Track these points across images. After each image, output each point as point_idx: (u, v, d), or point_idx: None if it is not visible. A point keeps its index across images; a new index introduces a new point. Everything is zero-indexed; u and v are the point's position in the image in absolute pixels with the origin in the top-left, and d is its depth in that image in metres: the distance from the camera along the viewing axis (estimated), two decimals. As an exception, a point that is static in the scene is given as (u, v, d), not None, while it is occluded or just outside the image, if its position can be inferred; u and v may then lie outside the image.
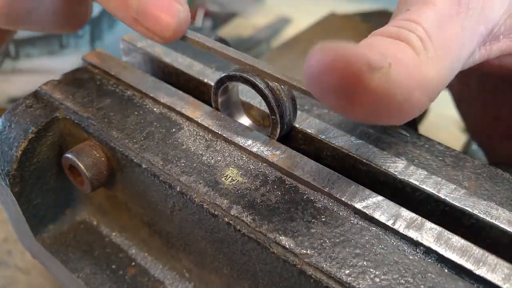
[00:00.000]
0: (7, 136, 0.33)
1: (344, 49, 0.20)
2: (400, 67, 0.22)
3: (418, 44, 0.23)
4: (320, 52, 0.20)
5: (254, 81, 0.29)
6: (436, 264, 0.24)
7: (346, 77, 0.20)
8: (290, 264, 0.24)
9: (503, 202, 0.27)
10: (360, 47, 0.22)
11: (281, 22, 0.94)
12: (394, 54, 0.22)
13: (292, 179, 0.28)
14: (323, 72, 0.20)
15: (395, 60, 0.21)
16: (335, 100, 0.21)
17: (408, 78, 0.22)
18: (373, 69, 0.20)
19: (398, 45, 0.23)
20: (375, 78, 0.20)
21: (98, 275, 0.35)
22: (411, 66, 0.22)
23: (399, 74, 0.21)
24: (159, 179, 0.29)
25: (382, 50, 0.22)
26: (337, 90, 0.21)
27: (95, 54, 0.38)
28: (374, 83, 0.20)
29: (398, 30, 0.24)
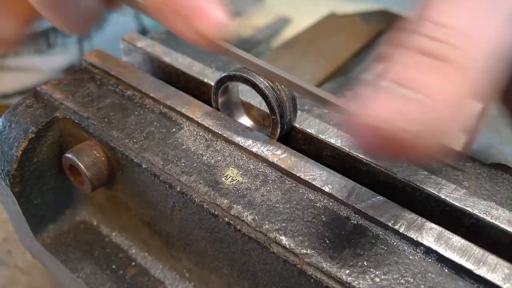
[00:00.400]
0: (7, 136, 0.33)
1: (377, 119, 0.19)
2: (441, 102, 0.20)
3: (458, 58, 0.20)
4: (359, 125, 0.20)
5: (254, 81, 0.29)
6: (436, 264, 0.24)
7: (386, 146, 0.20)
8: (290, 264, 0.24)
9: (503, 202, 0.27)
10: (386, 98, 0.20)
11: (281, 22, 0.93)
12: (434, 86, 0.20)
13: (292, 179, 0.28)
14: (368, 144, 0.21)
15: (435, 94, 0.20)
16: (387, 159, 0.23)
17: (453, 107, 0.20)
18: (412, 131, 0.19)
19: (435, 70, 0.20)
20: (416, 137, 0.19)
21: (98, 275, 0.35)
22: (453, 92, 0.20)
23: (437, 112, 0.19)
24: (159, 179, 0.29)
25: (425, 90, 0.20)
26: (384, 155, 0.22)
27: (95, 54, 0.38)
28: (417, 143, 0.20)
29: (434, 45, 0.20)
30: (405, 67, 0.21)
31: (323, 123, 0.32)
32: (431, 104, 0.19)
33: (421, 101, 0.19)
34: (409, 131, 0.19)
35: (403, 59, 0.21)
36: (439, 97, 0.20)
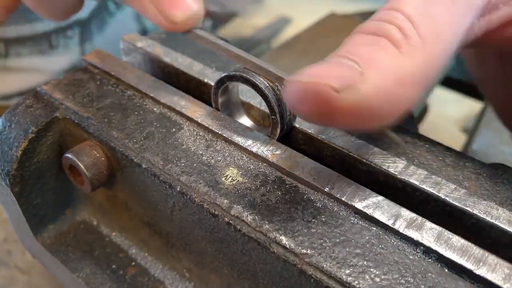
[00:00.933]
0: (7, 136, 0.33)
1: (310, 78, 0.21)
2: (375, 71, 0.21)
3: (398, 35, 0.22)
4: (292, 84, 0.22)
5: (254, 81, 0.29)
6: (436, 264, 0.24)
7: (318, 104, 0.21)
8: (291, 264, 0.24)
9: (503, 202, 0.27)
10: (328, 65, 0.22)
11: (281, 22, 0.93)
12: (369, 58, 0.22)
13: (292, 179, 0.28)
14: (298, 102, 0.22)
15: (369, 64, 0.21)
16: (319, 121, 0.24)
17: (385, 78, 0.21)
18: (341, 91, 0.21)
19: (374, 44, 0.22)
20: (343, 99, 0.21)
21: (98, 275, 0.35)
22: (388, 65, 0.22)
23: (373, 79, 0.21)
24: (159, 179, 0.29)
25: (356, 57, 0.22)
26: (315, 114, 0.22)
27: (95, 54, 0.38)
28: (344, 102, 0.21)
29: (377, 24, 0.23)
30: (348, 44, 0.23)
31: (323, 123, 0.32)
32: (362, 70, 0.21)
33: (353, 66, 0.21)
34: (336, 90, 0.21)
35: (352, 38, 0.24)
36: (371, 65, 0.21)
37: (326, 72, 0.22)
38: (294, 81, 0.22)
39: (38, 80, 0.63)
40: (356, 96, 0.21)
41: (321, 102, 0.21)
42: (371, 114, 0.22)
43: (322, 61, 0.23)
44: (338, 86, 0.21)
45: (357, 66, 0.22)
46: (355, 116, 0.22)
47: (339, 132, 0.31)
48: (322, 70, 0.22)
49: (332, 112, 0.21)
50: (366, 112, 0.22)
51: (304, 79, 0.22)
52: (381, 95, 0.21)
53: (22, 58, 0.62)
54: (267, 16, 0.95)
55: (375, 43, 0.23)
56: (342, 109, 0.21)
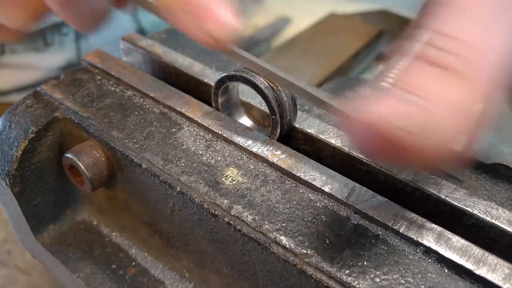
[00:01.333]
0: (7, 136, 0.33)
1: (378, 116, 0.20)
2: (444, 109, 0.20)
3: (463, 68, 0.20)
4: (357, 122, 0.20)
5: (254, 81, 0.29)
6: (436, 264, 0.24)
7: (394, 148, 0.20)
8: (290, 264, 0.24)
9: (503, 202, 0.27)
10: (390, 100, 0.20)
11: (281, 22, 0.93)
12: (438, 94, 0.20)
13: (292, 179, 0.28)
14: (370, 146, 0.21)
15: (438, 101, 0.20)
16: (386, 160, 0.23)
17: (455, 114, 0.20)
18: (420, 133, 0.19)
19: (441, 79, 0.20)
20: (424, 140, 0.19)
21: (98, 275, 0.35)
22: (456, 100, 0.20)
23: (445, 120, 0.20)
24: (159, 179, 0.29)
25: (424, 93, 0.20)
26: (390, 157, 0.21)
27: (95, 54, 0.38)
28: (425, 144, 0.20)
29: (440, 55, 0.21)
30: (410, 74, 0.21)
31: (323, 123, 0.32)
32: (433, 109, 0.20)
33: (423, 106, 0.20)
34: (409, 133, 0.19)
35: (409, 66, 0.21)
36: (440, 104, 0.20)
37: (391, 108, 0.20)
38: (359, 118, 0.20)
39: (34, 77, 0.64)
40: (435, 135, 0.20)
41: (393, 144, 0.20)
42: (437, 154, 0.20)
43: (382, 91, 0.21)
44: (408, 129, 0.19)
45: (424, 103, 0.20)
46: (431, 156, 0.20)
47: (339, 132, 0.31)
48: (386, 105, 0.20)
49: (400, 153, 0.20)
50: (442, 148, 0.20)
51: (372, 117, 0.20)
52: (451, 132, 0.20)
53: (18, 55, 0.62)
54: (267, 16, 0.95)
55: (439, 79, 0.21)
56: (417, 152, 0.20)
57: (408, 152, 0.20)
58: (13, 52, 0.62)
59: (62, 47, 0.64)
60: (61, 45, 0.64)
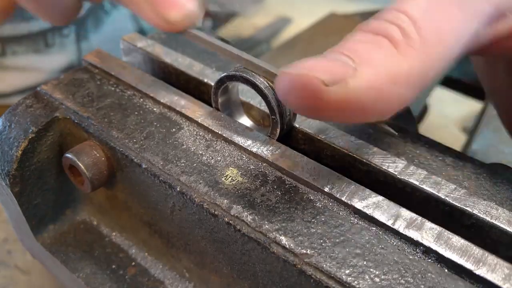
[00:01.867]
0: (7, 136, 0.33)
1: (301, 70, 0.22)
2: (368, 68, 0.22)
3: (398, 35, 0.23)
4: (283, 75, 0.22)
5: (254, 81, 0.29)
6: (436, 264, 0.24)
7: (305, 97, 0.22)
8: (290, 264, 0.24)
9: (503, 202, 0.27)
10: (322, 59, 0.22)
11: (281, 22, 0.94)
12: (365, 55, 0.22)
13: (292, 179, 0.28)
14: (287, 93, 0.23)
15: (364, 61, 0.22)
16: (307, 113, 0.24)
17: (379, 76, 0.22)
18: (330, 84, 0.21)
19: (373, 43, 0.23)
20: (331, 92, 0.21)
21: (98, 275, 0.35)
22: (384, 63, 0.22)
23: (366, 75, 0.21)
24: (159, 179, 0.29)
25: (352, 54, 0.22)
26: (303, 106, 0.23)
27: (95, 54, 0.38)
28: (332, 96, 0.21)
29: (379, 23, 0.23)
30: (349, 40, 0.23)
31: (323, 123, 0.32)
32: (355, 66, 0.21)
33: (347, 62, 0.22)
34: (325, 83, 0.21)
35: (352, 35, 0.24)
36: (365, 63, 0.22)
37: (318, 66, 0.22)
38: (285, 72, 0.22)
39: (35, 79, 0.63)
40: (345, 91, 0.21)
41: (309, 94, 0.22)
42: (361, 109, 0.22)
43: (319, 56, 0.23)
44: (327, 80, 0.21)
45: (351, 62, 0.22)
46: (344, 111, 0.22)
47: (339, 132, 0.31)
48: (315, 63, 0.22)
49: (319, 104, 0.22)
50: (355, 107, 0.22)
51: (295, 71, 0.22)
52: (372, 92, 0.22)
53: (19, 56, 0.62)
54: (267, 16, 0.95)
55: (374, 41, 0.23)
56: (329, 102, 0.21)
57: (320, 101, 0.22)
58: (14, 54, 0.62)
59: (63, 49, 0.64)
60: (62, 46, 0.64)
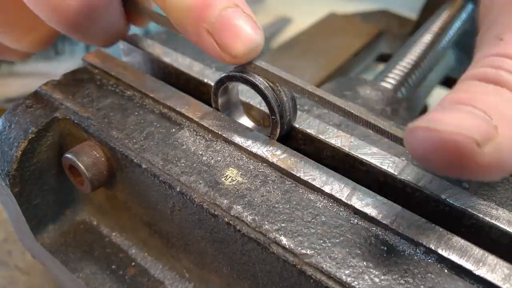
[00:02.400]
0: (7, 136, 0.33)
1: (449, 129, 0.19)
2: (508, 124, 0.20)
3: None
4: (423, 130, 0.20)
5: (254, 81, 0.29)
6: (436, 264, 0.24)
7: (456, 156, 0.20)
8: (290, 264, 0.24)
9: (503, 202, 0.27)
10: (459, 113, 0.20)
11: (281, 22, 0.93)
12: (499, 110, 0.20)
13: (292, 179, 0.28)
14: (429, 152, 0.20)
15: (501, 118, 0.20)
16: (445, 171, 0.21)
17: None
18: (483, 144, 0.19)
19: (499, 95, 0.21)
20: (486, 153, 0.20)
21: (98, 275, 0.35)
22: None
23: (507, 133, 0.20)
24: (159, 179, 0.29)
25: (485, 108, 0.20)
26: (446, 166, 0.21)
27: (95, 54, 0.38)
28: (486, 157, 0.20)
29: (496, 73, 0.21)
30: (471, 91, 0.21)
31: (323, 123, 0.32)
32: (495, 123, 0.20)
33: (486, 119, 0.20)
34: (475, 142, 0.19)
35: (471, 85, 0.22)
36: (502, 119, 0.20)
37: (461, 121, 0.20)
38: (426, 127, 0.20)
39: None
40: (497, 151, 0.20)
41: (462, 154, 0.19)
42: (502, 169, 0.21)
43: (445, 108, 0.21)
44: (483, 140, 0.19)
45: (488, 118, 0.20)
46: (492, 170, 0.20)
47: (339, 132, 0.31)
48: (455, 118, 0.20)
49: (470, 165, 0.20)
50: (503, 166, 0.20)
51: (440, 126, 0.20)
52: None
53: (28, 63, 0.62)
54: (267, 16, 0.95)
55: (499, 93, 0.21)
56: (483, 163, 0.20)
57: (471, 163, 0.20)
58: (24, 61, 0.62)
59: (73, 56, 0.65)
60: (72, 53, 0.64)
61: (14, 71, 0.62)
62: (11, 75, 0.62)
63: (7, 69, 0.62)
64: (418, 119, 0.21)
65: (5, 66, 0.62)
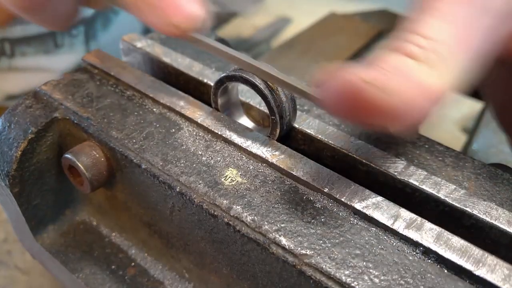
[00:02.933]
0: (6, 137, 0.33)
1: (351, 74, 0.22)
2: (400, 78, 0.23)
3: (419, 53, 0.23)
4: (331, 77, 0.23)
5: (254, 81, 0.29)
6: (436, 264, 0.24)
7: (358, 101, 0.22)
8: (290, 264, 0.24)
9: (503, 203, 0.27)
10: (365, 68, 0.23)
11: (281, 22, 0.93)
12: (394, 66, 0.23)
13: (291, 180, 0.28)
14: (336, 97, 0.23)
15: (395, 71, 0.23)
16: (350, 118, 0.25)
17: (409, 87, 0.23)
18: (370, 83, 0.22)
19: (399, 57, 0.23)
20: (372, 91, 0.22)
21: (98, 276, 0.35)
22: (411, 76, 0.23)
23: (398, 84, 0.22)
24: (159, 179, 0.29)
25: (386, 67, 0.23)
26: (351, 111, 0.23)
27: (94, 54, 0.37)
28: (374, 96, 0.22)
29: (399, 43, 0.24)
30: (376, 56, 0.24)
31: (322, 123, 0.32)
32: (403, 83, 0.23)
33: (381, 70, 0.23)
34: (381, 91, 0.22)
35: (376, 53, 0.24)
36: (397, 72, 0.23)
37: (358, 70, 0.22)
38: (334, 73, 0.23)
39: (44, 79, 0.63)
40: (385, 93, 0.22)
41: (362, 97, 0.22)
42: (395, 115, 0.23)
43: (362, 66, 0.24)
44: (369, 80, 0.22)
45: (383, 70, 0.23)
46: (379, 113, 0.22)
47: (339, 132, 0.31)
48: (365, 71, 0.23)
49: (361, 105, 0.22)
50: (392, 111, 0.22)
51: (341, 73, 0.22)
52: (406, 100, 0.22)
53: (28, 57, 0.62)
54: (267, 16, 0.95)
55: (397, 57, 0.24)
56: (371, 101, 0.22)
57: (377, 111, 0.22)
58: (23, 55, 0.62)
59: (72, 49, 0.64)
60: (71, 46, 0.64)
61: (13, 65, 0.62)
62: (11, 69, 0.62)
63: (7, 63, 0.62)
64: None
65: (4, 60, 0.61)
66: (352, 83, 0.22)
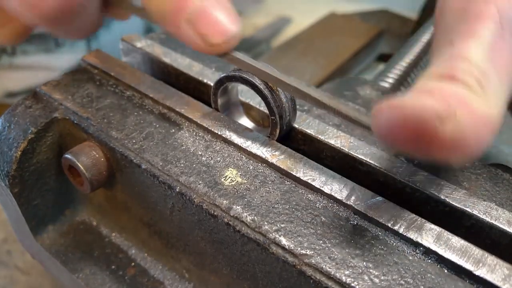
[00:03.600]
0: (6, 137, 0.33)
1: (412, 106, 0.21)
2: (466, 110, 0.21)
3: (475, 84, 0.23)
4: (387, 110, 0.22)
5: (254, 82, 0.29)
6: (436, 264, 0.24)
7: (419, 133, 0.21)
8: (290, 264, 0.24)
9: (503, 203, 0.27)
10: (423, 98, 0.22)
11: (281, 22, 0.93)
12: (457, 98, 0.22)
13: (291, 180, 0.28)
14: (395, 130, 0.21)
15: (460, 104, 0.21)
16: (408, 149, 0.23)
17: (472, 118, 0.21)
18: (444, 121, 0.21)
19: (457, 87, 0.22)
20: (447, 129, 0.21)
21: (97, 276, 0.35)
22: (474, 108, 0.22)
23: (462, 115, 0.21)
24: (159, 179, 0.29)
25: (446, 96, 0.22)
26: (410, 143, 0.22)
27: (94, 54, 0.37)
28: (448, 133, 0.21)
29: (451, 70, 0.23)
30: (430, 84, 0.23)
31: (322, 123, 0.32)
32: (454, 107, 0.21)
33: (447, 101, 0.21)
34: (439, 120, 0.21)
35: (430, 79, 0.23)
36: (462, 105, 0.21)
37: (423, 100, 0.21)
38: (390, 105, 0.21)
39: (44, 78, 0.63)
40: (458, 129, 0.21)
41: (424, 131, 0.21)
42: (463, 149, 0.22)
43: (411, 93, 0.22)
44: (444, 116, 0.21)
45: (447, 102, 0.21)
46: (449, 149, 0.21)
47: (339, 132, 0.31)
48: (417, 99, 0.21)
49: (431, 142, 0.21)
50: (461, 145, 0.21)
51: (403, 104, 0.21)
52: (474, 133, 0.22)
53: (29, 56, 0.62)
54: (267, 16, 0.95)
55: (456, 87, 0.23)
56: (444, 140, 0.21)
57: (433, 139, 0.21)
58: (24, 53, 0.62)
59: (73, 48, 0.65)
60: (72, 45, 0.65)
61: (14, 64, 0.62)
62: (12, 67, 0.62)
63: (8, 61, 0.62)
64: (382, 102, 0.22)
65: (5, 58, 0.62)
66: (415, 114, 0.21)
